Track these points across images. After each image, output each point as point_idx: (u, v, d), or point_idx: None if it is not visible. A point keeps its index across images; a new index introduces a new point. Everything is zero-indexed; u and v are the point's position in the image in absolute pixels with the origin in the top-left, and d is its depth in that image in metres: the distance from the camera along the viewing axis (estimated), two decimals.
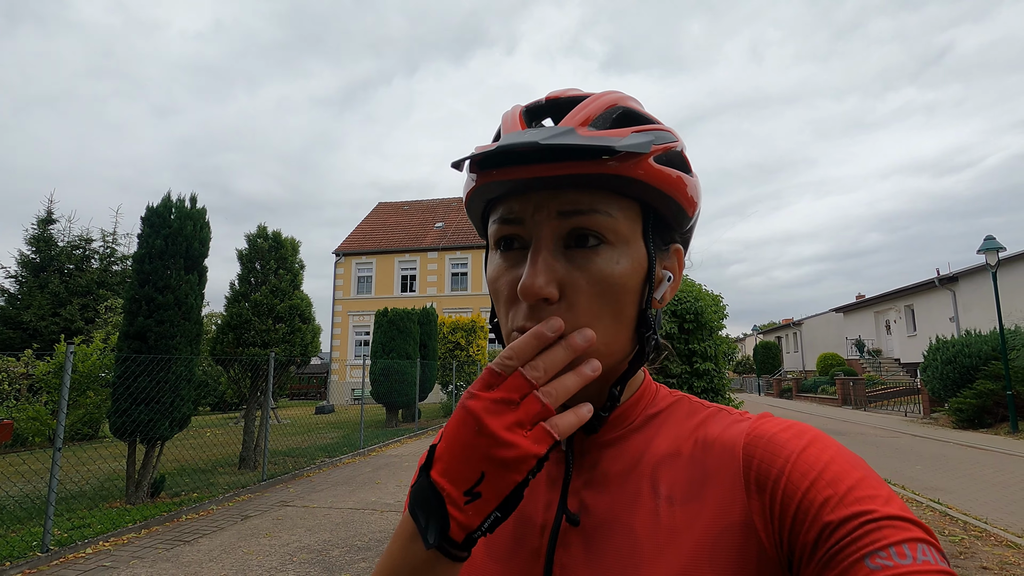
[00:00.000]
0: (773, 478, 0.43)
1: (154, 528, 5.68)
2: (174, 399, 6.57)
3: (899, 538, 0.37)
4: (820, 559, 0.38)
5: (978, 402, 12.12)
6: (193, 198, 7.29)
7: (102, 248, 22.68)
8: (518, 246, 0.49)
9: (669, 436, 0.51)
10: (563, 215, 0.46)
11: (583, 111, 0.47)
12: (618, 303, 0.47)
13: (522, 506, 0.52)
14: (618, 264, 0.47)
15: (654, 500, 0.47)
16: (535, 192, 0.47)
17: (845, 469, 0.41)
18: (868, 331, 26.99)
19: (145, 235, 6.84)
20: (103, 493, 6.92)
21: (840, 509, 0.39)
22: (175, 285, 6.72)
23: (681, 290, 10.69)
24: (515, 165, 0.45)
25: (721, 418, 0.51)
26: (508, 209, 0.48)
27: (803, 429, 0.46)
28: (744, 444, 0.46)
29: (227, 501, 6.84)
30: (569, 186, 0.46)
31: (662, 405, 0.54)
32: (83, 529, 5.34)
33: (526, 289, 0.44)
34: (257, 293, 8.89)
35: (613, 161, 0.45)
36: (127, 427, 6.29)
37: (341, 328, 27.58)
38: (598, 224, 0.46)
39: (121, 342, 6.57)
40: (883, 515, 0.38)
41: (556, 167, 0.44)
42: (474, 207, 0.53)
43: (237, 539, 5.27)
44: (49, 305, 19.84)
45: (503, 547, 0.51)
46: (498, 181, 0.47)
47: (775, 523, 0.42)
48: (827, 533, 0.39)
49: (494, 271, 0.51)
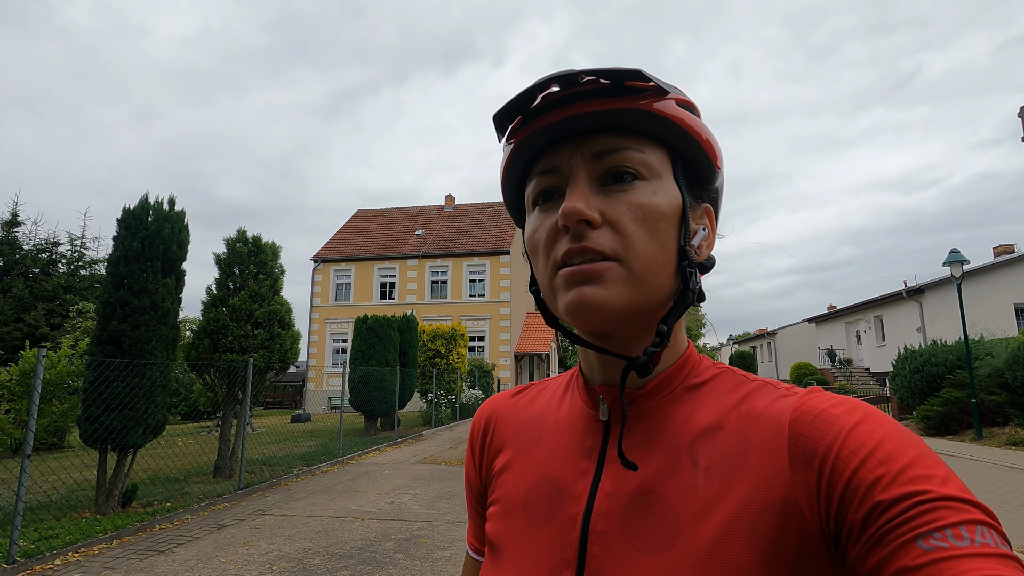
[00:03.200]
0: (821, 455, 0.42)
1: (126, 538, 5.50)
2: (148, 405, 6.40)
3: (956, 519, 0.35)
4: (870, 538, 0.37)
5: (944, 409, 12.49)
6: (172, 200, 7.15)
7: (70, 252, 22.05)
8: (557, 197, 0.50)
9: (711, 408, 0.50)
10: (597, 156, 0.48)
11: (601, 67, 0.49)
12: (659, 231, 0.48)
13: (560, 474, 0.53)
14: (655, 195, 0.48)
15: (693, 471, 0.46)
16: (568, 141, 0.49)
17: (899, 447, 0.40)
18: (839, 341, 27.66)
19: (121, 237, 6.68)
20: (71, 503, 6.68)
21: (893, 488, 0.37)
22: (152, 289, 6.56)
23: None
24: (549, 112, 0.48)
25: (767, 392, 0.50)
26: (546, 162, 0.50)
27: (856, 405, 0.44)
28: (791, 419, 0.45)
29: (202, 510, 6.67)
30: (600, 131, 0.48)
31: (705, 376, 0.53)
32: (51, 540, 5.15)
33: (567, 210, 0.45)
34: (236, 298, 8.73)
35: (643, 98, 0.47)
36: (98, 434, 6.10)
37: (318, 336, 27.18)
38: (631, 159, 0.48)
39: (93, 347, 6.39)
40: (940, 495, 0.36)
41: (590, 104, 0.47)
42: (512, 177, 0.54)
43: (214, 548, 5.14)
44: (12, 310, 19.15)
45: (542, 514, 0.52)
46: (536, 131, 0.49)
47: (821, 500, 0.41)
48: (878, 512, 0.37)
49: (531, 226, 0.52)
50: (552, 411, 0.60)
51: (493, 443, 0.63)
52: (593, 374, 0.55)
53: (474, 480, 0.65)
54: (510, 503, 0.55)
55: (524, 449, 0.58)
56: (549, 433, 0.57)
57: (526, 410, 0.63)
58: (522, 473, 0.56)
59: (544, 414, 0.60)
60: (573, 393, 0.59)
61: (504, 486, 0.57)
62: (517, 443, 0.60)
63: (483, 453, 0.64)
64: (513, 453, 0.59)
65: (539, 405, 0.62)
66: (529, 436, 0.59)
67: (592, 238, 0.46)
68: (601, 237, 0.46)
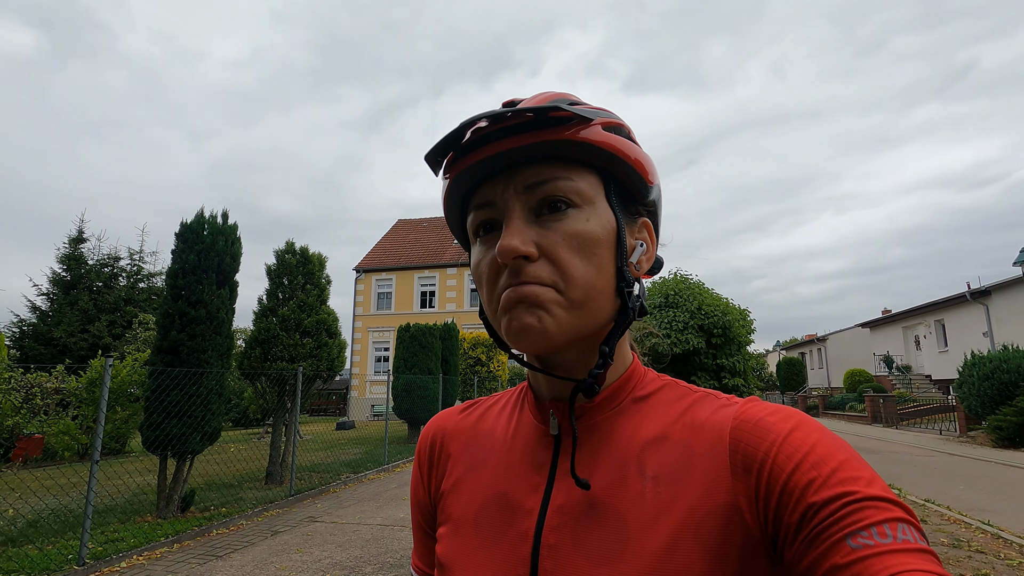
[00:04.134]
0: (759, 461, 0.44)
1: (186, 543, 5.67)
2: (205, 413, 6.61)
3: (880, 518, 0.38)
4: (804, 539, 0.39)
5: (1018, 420, 11.67)
6: (225, 214, 7.40)
7: (129, 266, 23.18)
8: (495, 229, 0.51)
9: (657, 419, 0.52)
10: (529, 188, 0.49)
11: (532, 100, 0.52)
12: (595, 256, 0.49)
13: (511, 490, 0.53)
14: (588, 222, 0.49)
15: (641, 481, 0.48)
16: (501, 175, 0.50)
17: (830, 451, 0.42)
18: (896, 347, 26.33)
19: (179, 250, 6.95)
20: (134, 507, 6.94)
21: (824, 490, 0.40)
22: (207, 299, 6.79)
23: (708, 304, 10.57)
24: (478, 148, 0.49)
25: (709, 402, 0.52)
26: (480, 196, 0.52)
27: (789, 413, 0.46)
28: (732, 428, 0.47)
29: (256, 516, 6.82)
30: (530, 162, 0.49)
31: (651, 388, 0.55)
32: (117, 543, 5.35)
33: (504, 248, 0.46)
34: (285, 308, 8.96)
35: (568, 128, 0.48)
36: (159, 440, 6.32)
37: (361, 344, 27.69)
38: (562, 188, 0.49)
39: (154, 356, 6.65)
40: (865, 496, 0.39)
41: (518, 138, 0.48)
42: (452, 211, 0.56)
43: (269, 555, 5.23)
44: (79, 322, 20.25)
45: (493, 531, 0.52)
46: (469, 167, 0.50)
47: (760, 504, 0.43)
48: (811, 514, 0.39)
49: (474, 258, 0.53)
50: (502, 427, 0.60)
51: (441, 461, 0.62)
52: (542, 390, 0.57)
53: (423, 500, 0.64)
54: (460, 521, 0.55)
55: (474, 466, 0.58)
56: (499, 449, 0.58)
57: (475, 427, 0.63)
58: (473, 490, 0.56)
59: (494, 430, 0.60)
60: (523, 408, 0.60)
61: (454, 505, 0.57)
62: (467, 460, 0.60)
63: (431, 472, 0.63)
64: (463, 471, 0.59)
65: (488, 421, 0.62)
66: (479, 453, 0.59)
67: (529, 272, 0.47)
68: (539, 270, 0.47)
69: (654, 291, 11.16)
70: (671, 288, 10.87)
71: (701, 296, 10.56)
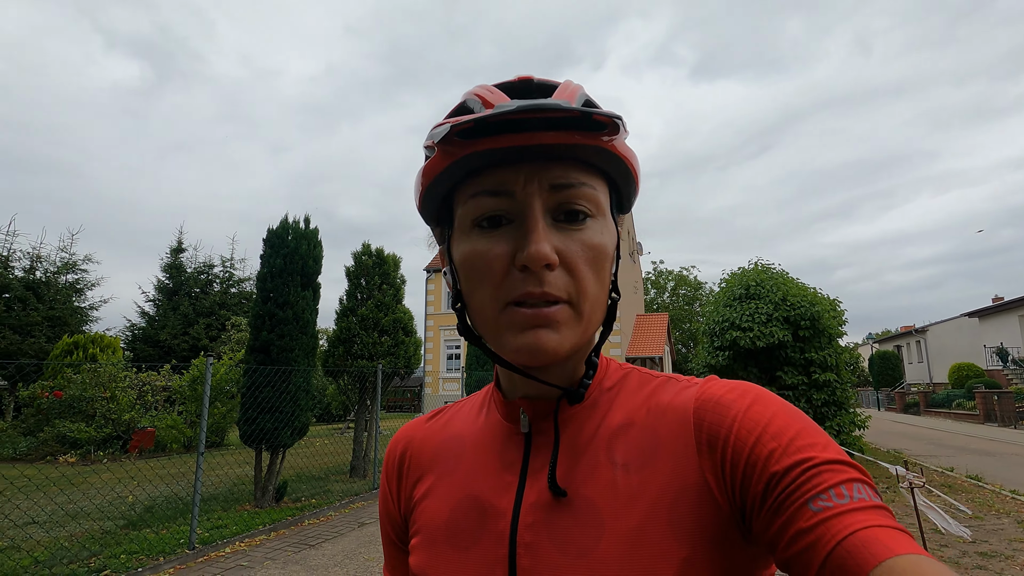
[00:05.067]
0: (723, 437, 0.45)
1: (281, 531, 6.00)
2: (294, 408, 6.96)
3: (837, 480, 0.40)
4: (769, 507, 0.41)
5: None
6: (307, 219, 7.75)
7: (222, 273, 25.03)
8: (505, 222, 0.48)
9: (623, 408, 0.52)
10: (555, 188, 0.47)
11: (567, 91, 0.49)
12: (603, 270, 0.49)
13: (482, 492, 0.53)
14: (602, 235, 0.49)
15: (611, 469, 0.48)
16: (525, 164, 0.46)
17: (787, 422, 0.44)
18: (1012, 338, 23.71)
19: (266, 255, 7.36)
20: (234, 496, 7.44)
21: (784, 459, 0.41)
22: (293, 301, 7.15)
23: (793, 294, 9.92)
24: (515, 133, 0.44)
25: (671, 385, 0.53)
26: (496, 181, 0.47)
27: (747, 388, 0.48)
28: (695, 408, 0.48)
29: (343, 508, 7.12)
30: (558, 158, 0.47)
31: (615, 378, 0.56)
32: (221, 529, 5.74)
33: (536, 256, 0.44)
34: (363, 308, 9.30)
35: (606, 134, 0.46)
36: (254, 434, 6.73)
37: (433, 343, 28.40)
38: (586, 196, 0.48)
39: (248, 355, 7.08)
40: (822, 460, 0.41)
41: (561, 135, 0.45)
42: (440, 186, 0.50)
43: (357, 545, 5.42)
44: (180, 325, 22.09)
45: (467, 536, 0.51)
46: (488, 150, 0.45)
47: (727, 480, 0.44)
48: (774, 483, 0.41)
49: (475, 249, 0.48)
50: (470, 430, 0.59)
51: (411, 472, 0.61)
52: (514, 389, 0.55)
53: (393, 513, 0.62)
54: (433, 531, 0.54)
55: (445, 473, 0.57)
56: (469, 453, 0.57)
57: (442, 433, 0.62)
58: (444, 498, 0.55)
59: (462, 434, 0.59)
60: (491, 409, 0.59)
61: (425, 514, 0.56)
62: (437, 468, 0.58)
63: (400, 483, 0.62)
64: (434, 479, 0.58)
65: (456, 426, 0.61)
66: (449, 459, 0.58)
67: (550, 281, 0.46)
68: (558, 280, 0.46)
69: (733, 282, 10.63)
70: (752, 278, 10.29)
71: (785, 286, 9.92)
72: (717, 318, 10.25)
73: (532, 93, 0.50)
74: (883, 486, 7.44)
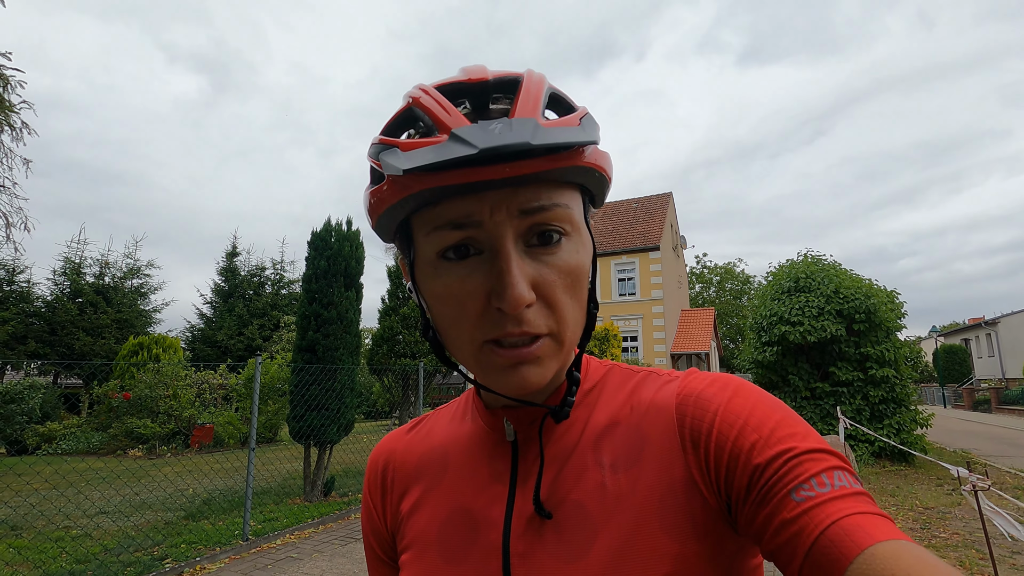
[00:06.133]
0: (705, 432, 0.45)
1: (329, 524, 6.19)
2: (340, 406, 7.16)
3: (818, 469, 0.40)
4: (753, 499, 0.41)
5: None
6: (349, 221, 7.95)
7: (273, 275, 26.01)
8: (473, 252, 0.44)
9: (606, 407, 0.52)
10: (525, 213, 0.43)
11: (531, 97, 0.43)
12: (580, 289, 0.47)
13: (472, 503, 0.52)
14: (578, 253, 0.46)
15: (599, 471, 0.48)
16: (489, 192, 0.42)
17: (767, 413, 0.44)
18: None
19: (311, 257, 7.59)
20: (285, 490, 7.73)
21: (766, 450, 0.41)
22: (337, 301, 7.35)
23: (846, 286, 9.47)
24: (478, 166, 0.40)
25: (652, 381, 0.52)
26: (459, 212, 0.43)
27: (727, 380, 0.48)
28: (676, 404, 0.48)
29: None
30: (527, 181, 0.43)
31: (595, 378, 0.55)
32: (273, 522, 5.98)
33: (513, 301, 0.42)
34: (405, 307, 9.48)
35: (579, 155, 0.43)
36: (303, 431, 6.96)
37: None
38: (559, 217, 0.44)
39: (296, 354, 7.33)
40: (802, 450, 0.41)
41: (529, 164, 0.41)
42: (392, 217, 0.46)
43: None
44: (235, 326, 23.10)
45: (458, 549, 0.51)
46: (448, 185, 0.41)
47: (712, 474, 0.44)
48: (757, 475, 0.41)
49: (445, 286, 0.45)
50: (453, 440, 0.58)
51: (395, 486, 0.60)
52: (495, 398, 0.54)
53: (380, 529, 0.60)
54: (423, 545, 0.53)
55: (432, 485, 0.56)
56: (454, 463, 0.56)
57: (425, 443, 0.60)
58: (433, 510, 0.55)
59: (445, 444, 0.58)
60: (473, 417, 0.58)
61: (414, 528, 0.55)
62: (423, 480, 0.57)
63: (385, 498, 0.60)
64: (420, 491, 0.57)
65: (438, 436, 0.60)
66: (433, 470, 0.57)
67: (528, 320, 0.43)
68: (536, 317, 0.44)
69: (781, 275, 10.25)
70: (801, 271, 9.89)
71: (838, 278, 9.48)
72: (764, 312, 9.91)
73: (488, 93, 0.45)
74: (947, 489, 7.02)
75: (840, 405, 9.02)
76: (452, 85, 0.45)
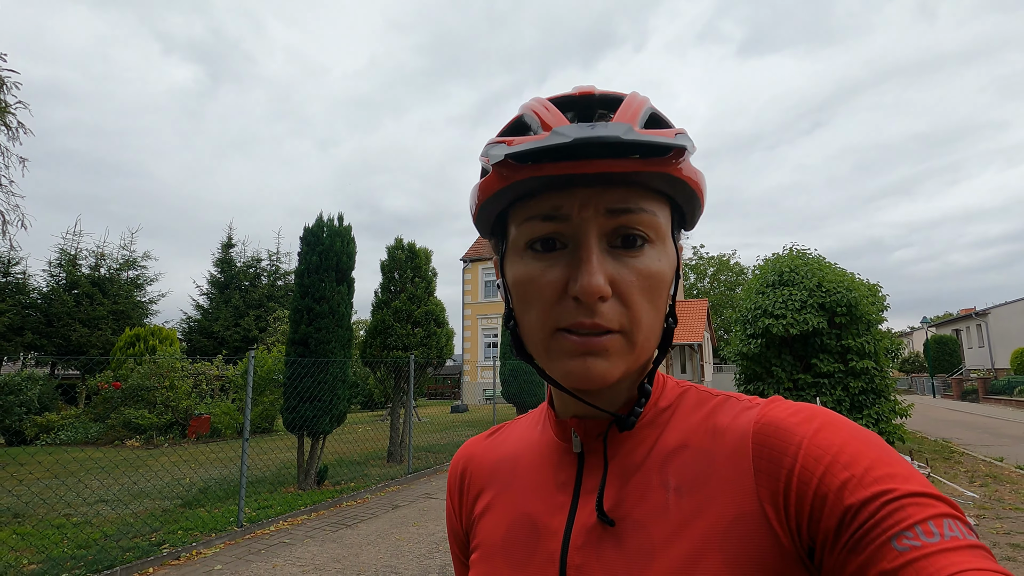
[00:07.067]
0: (787, 467, 0.42)
1: (321, 512, 6.40)
2: (332, 397, 7.35)
3: (924, 515, 0.36)
4: (845, 544, 0.37)
5: None
6: (340, 216, 8.09)
7: (269, 266, 26.10)
8: (559, 246, 0.47)
9: (679, 428, 0.51)
10: (612, 213, 0.46)
11: (631, 109, 0.46)
12: (659, 298, 0.48)
13: (536, 511, 0.53)
14: (660, 261, 0.47)
15: (664, 493, 0.47)
16: (581, 188, 0.45)
17: (861, 449, 0.40)
18: None
19: (303, 252, 7.74)
20: (280, 479, 7.94)
21: (860, 491, 0.38)
22: (329, 296, 7.51)
23: (829, 280, 9.67)
24: (572, 160, 0.43)
25: (730, 406, 0.50)
26: (551, 206, 0.46)
27: (814, 412, 0.45)
28: (754, 432, 0.46)
29: (379, 491, 7.50)
30: (617, 183, 0.45)
31: (671, 397, 0.54)
32: (267, 509, 6.19)
33: (589, 289, 0.44)
34: (397, 300, 9.64)
35: (670, 162, 0.45)
36: (296, 422, 7.16)
37: (471, 331, 28.83)
38: (644, 222, 0.46)
39: (288, 348, 7.50)
40: (904, 492, 0.37)
41: (619, 163, 0.43)
42: (494, 205, 0.50)
43: (390, 526, 5.75)
44: (232, 317, 23.23)
45: (521, 554, 0.52)
46: (543, 176, 0.45)
47: (791, 511, 0.41)
48: (849, 517, 0.37)
49: (528, 273, 0.48)
50: (524, 448, 0.60)
51: (471, 488, 0.62)
52: (565, 408, 0.55)
53: (457, 528, 0.64)
54: (490, 547, 0.55)
55: (502, 490, 0.58)
56: (523, 470, 0.58)
57: (499, 450, 0.62)
58: (501, 514, 0.56)
59: (517, 452, 0.60)
60: (545, 427, 0.59)
61: (484, 530, 0.57)
62: (495, 485, 0.59)
63: (462, 499, 0.63)
64: (492, 496, 0.59)
65: (512, 443, 0.62)
66: (504, 476, 0.59)
67: (602, 313, 0.45)
68: (610, 311, 0.45)
69: (767, 269, 10.44)
70: (786, 265, 10.08)
71: (821, 272, 9.68)
72: (749, 305, 10.12)
73: (593, 107, 0.49)
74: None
75: (821, 396, 9.25)
76: (562, 98, 0.49)
